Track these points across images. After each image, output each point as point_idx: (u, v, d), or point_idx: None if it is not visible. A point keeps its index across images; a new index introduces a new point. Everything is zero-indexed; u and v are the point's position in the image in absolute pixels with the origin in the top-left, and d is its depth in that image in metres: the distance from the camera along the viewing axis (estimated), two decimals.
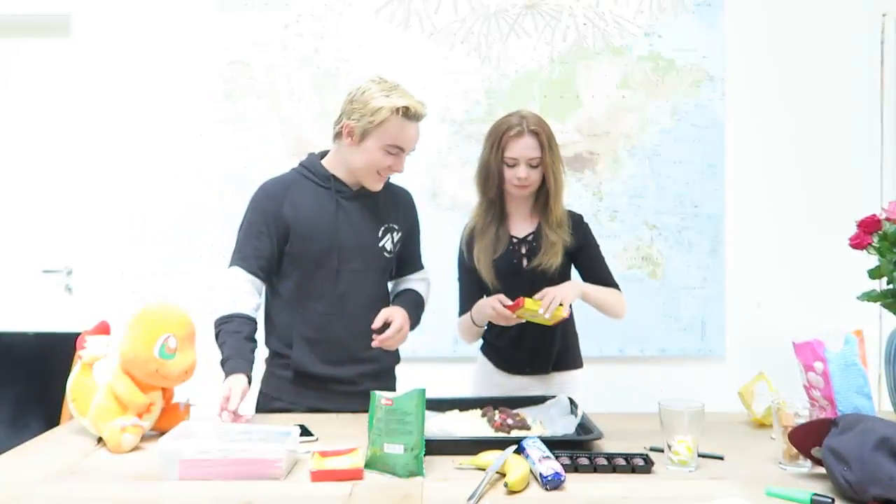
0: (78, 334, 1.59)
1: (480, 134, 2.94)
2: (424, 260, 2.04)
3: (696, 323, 2.98)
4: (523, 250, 1.96)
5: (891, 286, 1.63)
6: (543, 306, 1.77)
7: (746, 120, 2.98)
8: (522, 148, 1.86)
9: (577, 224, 1.98)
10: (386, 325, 1.77)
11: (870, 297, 1.67)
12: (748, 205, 2.98)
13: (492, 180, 1.93)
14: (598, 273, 2.00)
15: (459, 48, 2.96)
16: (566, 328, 2.00)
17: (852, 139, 2.98)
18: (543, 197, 1.95)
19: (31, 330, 2.14)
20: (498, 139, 1.89)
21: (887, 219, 1.61)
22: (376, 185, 1.80)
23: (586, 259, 2.00)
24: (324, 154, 1.86)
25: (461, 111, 2.96)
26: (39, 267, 3.08)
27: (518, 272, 1.94)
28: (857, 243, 1.66)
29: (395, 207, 1.90)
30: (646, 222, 2.98)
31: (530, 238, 1.97)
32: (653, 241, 2.97)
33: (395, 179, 1.91)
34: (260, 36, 2.95)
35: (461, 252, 2.03)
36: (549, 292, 1.80)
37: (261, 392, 1.85)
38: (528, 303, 1.78)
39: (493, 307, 1.83)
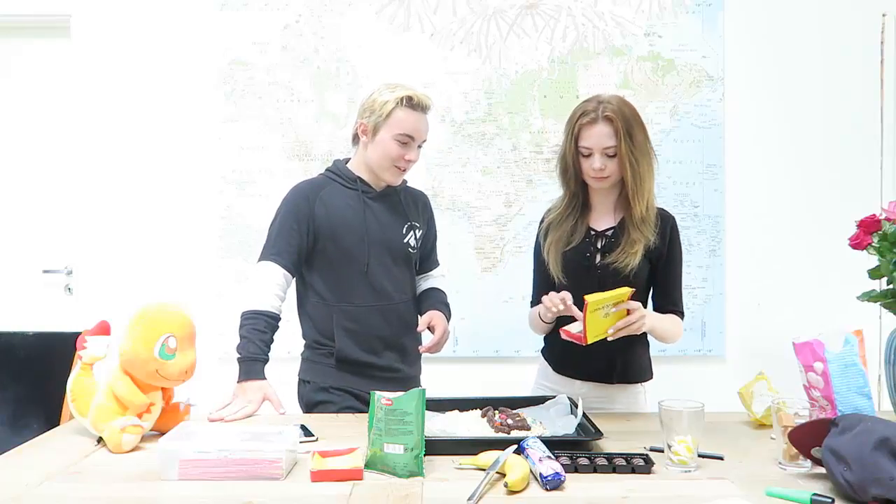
0: (78, 334, 1.59)
1: (480, 134, 3.00)
2: None
3: (696, 323, 2.98)
4: (599, 244, 1.79)
5: (891, 286, 1.63)
6: (618, 326, 1.61)
7: (746, 120, 2.98)
8: (596, 136, 1.70)
9: (665, 223, 1.79)
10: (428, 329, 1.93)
11: (870, 297, 1.66)
12: (748, 205, 2.98)
13: (570, 172, 1.78)
14: (669, 292, 1.80)
15: (459, 48, 2.96)
16: (634, 336, 1.72)
17: (852, 139, 2.97)
18: (627, 189, 1.76)
19: (31, 330, 2.14)
20: (572, 127, 1.74)
21: (887, 219, 1.61)
22: (396, 179, 1.92)
23: (663, 270, 1.79)
24: (346, 161, 1.98)
25: (461, 111, 2.96)
26: (39, 267, 3.08)
27: (588, 268, 1.77)
28: (857, 243, 1.65)
29: (414, 207, 2.02)
30: None
31: (609, 233, 1.79)
32: None
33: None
34: (260, 36, 2.95)
35: (537, 242, 1.89)
36: (641, 310, 1.64)
37: (303, 381, 1.92)
38: (593, 300, 1.55)
39: (549, 299, 1.66)
